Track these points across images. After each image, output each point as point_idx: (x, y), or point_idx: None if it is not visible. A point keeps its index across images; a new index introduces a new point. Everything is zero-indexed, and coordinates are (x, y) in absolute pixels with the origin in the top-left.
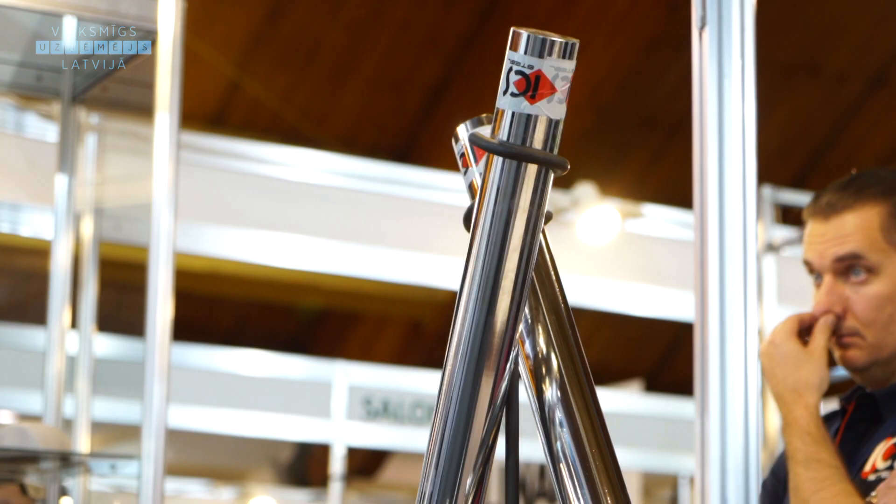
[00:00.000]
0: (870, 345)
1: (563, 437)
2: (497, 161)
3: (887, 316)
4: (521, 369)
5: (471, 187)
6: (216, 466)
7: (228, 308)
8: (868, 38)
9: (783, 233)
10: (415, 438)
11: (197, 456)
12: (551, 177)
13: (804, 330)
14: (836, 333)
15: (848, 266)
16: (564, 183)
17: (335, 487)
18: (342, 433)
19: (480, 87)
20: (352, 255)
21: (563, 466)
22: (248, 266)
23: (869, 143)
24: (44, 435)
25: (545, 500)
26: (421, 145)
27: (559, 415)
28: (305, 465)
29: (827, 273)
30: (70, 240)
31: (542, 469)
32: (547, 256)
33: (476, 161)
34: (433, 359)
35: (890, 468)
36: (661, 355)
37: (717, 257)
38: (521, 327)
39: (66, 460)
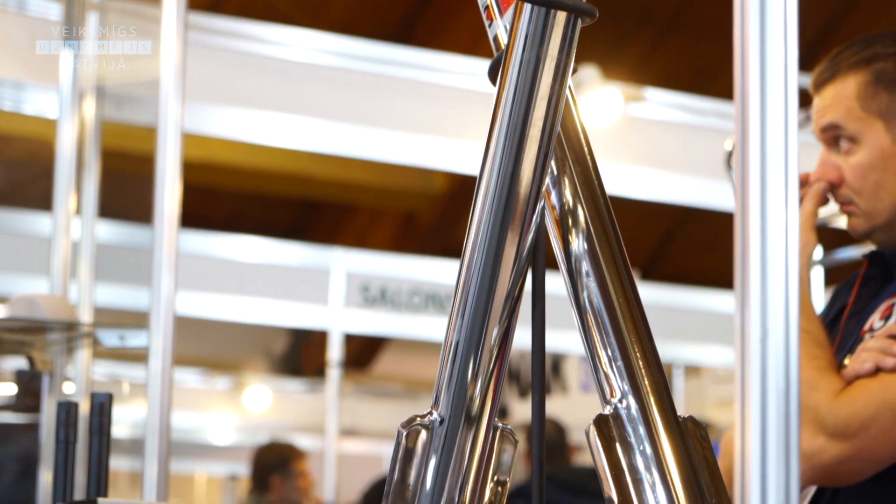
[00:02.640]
0: (864, 212)
1: (590, 287)
2: (525, 9)
3: (873, 184)
4: (548, 221)
5: (495, 41)
6: (211, 357)
7: (223, 199)
8: None
9: None
10: (413, 325)
11: (192, 346)
12: (579, 25)
13: None
14: (837, 202)
15: (833, 137)
16: None
17: (332, 374)
18: (340, 319)
19: None
20: (352, 136)
21: (589, 317)
22: (243, 156)
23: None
24: (53, 305)
25: None
26: (417, 35)
27: (586, 266)
28: (299, 355)
29: (822, 144)
30: (76, 119)
31: None
32: (573, 108)
33: (501, 13)
34: (428, 250)
35: (883, 328)
36: (656, 245)
37: (758, 148)
38: (547, 179)
39: (75, 330)
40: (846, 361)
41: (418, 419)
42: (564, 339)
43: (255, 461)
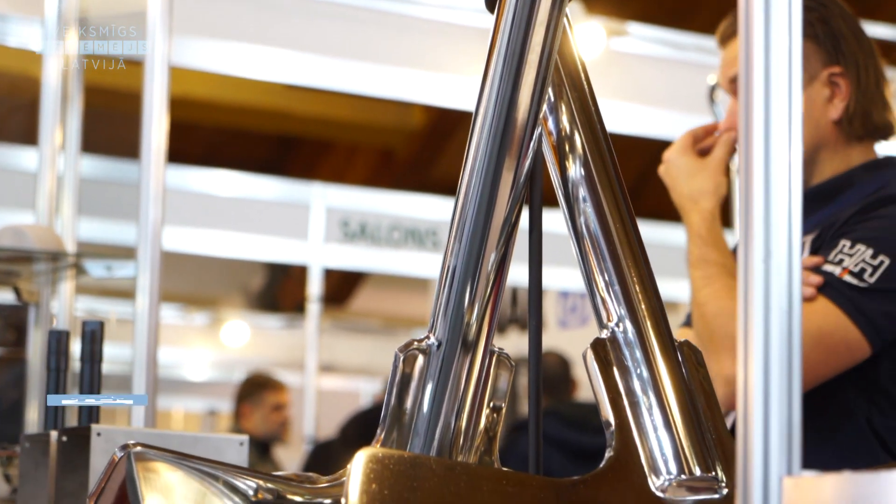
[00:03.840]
0: None
1: (587, 212)
2: None
3: None
4: (545, 147)
5: None
6: (188, 292)
7: (200, 134)
8: None
9: None
10: (393, 261)
11: (169, 281)
12: None
13: (703, 143)
14: None
15: None
16: None
17: (313, 308)
18: (320, 254)
19: None
20: (330, 69)
21: (586, 242)
22: (220, 91)
23: None
24: (40, 235)
25: (517, 326)
26: None
27: (583, 191)
28: (276, 291)
29: (731, 94)
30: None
31: (514, 294)
32: (570, 35)
33: None
34: (404, 186)
35: None
36: (636, 180)
37: (762, 72)
38: (544, 105)
39: (62, 259)
40: None
41: (415, 343)
42: (543, 273)
43: (235, 392)
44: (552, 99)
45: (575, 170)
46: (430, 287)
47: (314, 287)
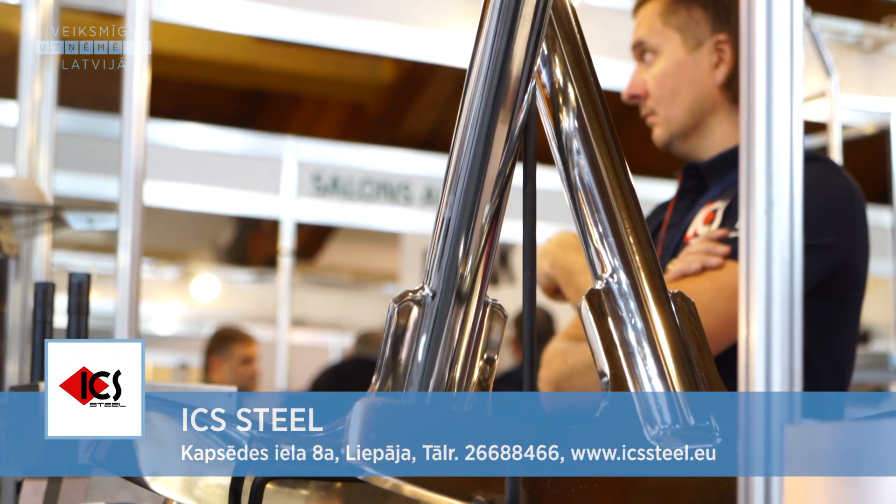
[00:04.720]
0: (662, 119)
1: (581, 164)
2: None
3: (668, 91)
4: (538, 100)
5: None
6: (158, 246)
7: (168, 89)
8: None
9: None
10: (365, 215)
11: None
12: None
13: None
14: (643, 115)
15: (640, 53)
16: None
17: (284, 263)
18: (292, 208)
19: None
20: (300, 22)
21: (580, 194)
22: (188, 45)
23: None
24: (21, 188)
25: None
26: None
27: (576, 144)
28: (246, 245)
29: (635, 61)
30: (40, 5)
31: None
32: None
33: None
34: (374, 141)
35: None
36: None
37: (764, 28)
38: (538, 58)
39: (44, 212)
40: (670, 266)
41: (410, 294)
42: (513, 228)
43: (204, 346)
44: (546, 52)
45: (568, 122)
46: (401, 241)
47: (286, 241)
